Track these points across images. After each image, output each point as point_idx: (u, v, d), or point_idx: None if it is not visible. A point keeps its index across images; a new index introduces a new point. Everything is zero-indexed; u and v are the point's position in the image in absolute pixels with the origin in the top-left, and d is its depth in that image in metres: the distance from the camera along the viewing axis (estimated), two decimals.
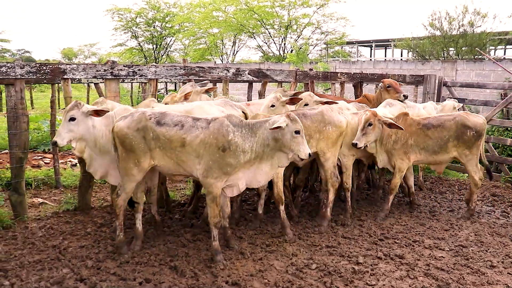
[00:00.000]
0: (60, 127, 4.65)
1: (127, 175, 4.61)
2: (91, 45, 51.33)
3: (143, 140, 4.47)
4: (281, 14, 28.41)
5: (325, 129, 5.52)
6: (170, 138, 4.43)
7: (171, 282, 4.13)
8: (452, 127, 6.08)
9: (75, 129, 4.67)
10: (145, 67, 6.38)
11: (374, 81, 9.13)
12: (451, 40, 20.21)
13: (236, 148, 4.36)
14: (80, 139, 4.78)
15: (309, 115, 5.54)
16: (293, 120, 4.39)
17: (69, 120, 4.64)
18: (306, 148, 4.41)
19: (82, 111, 4.68)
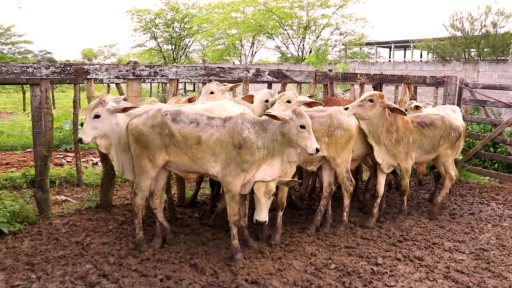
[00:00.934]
0: (85, 124, 4.68)
1: (142, 172, 4.66)
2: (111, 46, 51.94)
3: (158, 136, 4.52)
4: (300, 15, 28.38)
5: (334, 133, 5.36)
6: (186, 135, 4.49)
7: (191, 279, 4.19)
8: (441, 126, 6.20)
9: (100, 126, 4.72)
10: (166, 68, 6.47)
11: (393, 82, 9.08)
12: (473, 41, 19.94)
13: (252, 145, 4.43)
14: (104, 137, 4.82)
15: (317, 117, 5.37)
16: (299, 115, 4.42)
17: (93, 117, 4.68)
18: (314, 143, 4.41)
19: (107, 109, 4.72)
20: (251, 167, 4.50)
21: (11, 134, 11.51)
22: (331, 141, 5.35)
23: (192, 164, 4.63)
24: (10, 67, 5.34)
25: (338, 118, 5.42)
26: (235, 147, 4.42)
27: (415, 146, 6.03)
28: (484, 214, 6.57)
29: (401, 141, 5.86)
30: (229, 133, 4.44)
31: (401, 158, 5.92)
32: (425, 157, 6.27)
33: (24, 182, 7.08)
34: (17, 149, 10.24)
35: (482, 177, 8.97)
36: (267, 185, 4.56)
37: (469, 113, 11.07)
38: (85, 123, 4.70)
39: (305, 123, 4.42)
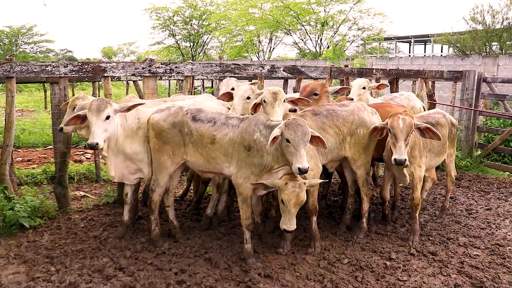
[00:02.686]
0: (95, 127, 4.34)
1: (160, 167, 4.74)
2: (130, 44, 52.49)
3: (179, 133, 4.59)
4: (317, 10, 28.27)
5: (356, 132, 5.04)
6: (202, 134, 4.53)
7: (205, 273, 4.26)
8: (445, 124, 5.70)
9: (109, 128, 4.48)
10: (182, 65, 6.55)
11: (410, 77, 9.02)
12: (494, 34, 19.64)
13: (261, 148, 4.30)
14: (108, 139, 4.55)
15: (341, 113, 5.05)
16: (287, 126, 4.05)
17: (105, 119, 4.40)
18: (299, 161, 3.94)
19: (114, 109, 4.52)
20: (261, 171, 4.38)
21: (32, 131, 11.77)
22: (354, 140, 5.04)
23: (207, 164, 4.64)
24: (30, 66, 5.48)
25: (360, 116, 5.08)
26: (245, 149, 4.36)
27: (425, 150, 5.37)
28: (502, 210, 6.49)
29: (415, 147, 5.11)
30: (241, 134, 4.41)
31: (415, 165, 5.18)
32: (436, 161, 5.70)
33: (44, 178, 7.26)
34: (38, 146, 10.48)
35: (501, 173, 8.84)
36: (297, 196, 4.13)
37: (488, 108, 10.91)
38: (95, 125, 4.35)
39: (289, 137, 4.01)
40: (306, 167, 3.93)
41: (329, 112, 5.01)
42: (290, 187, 4.14)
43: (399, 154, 4.56)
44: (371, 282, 4.23)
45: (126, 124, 4.76)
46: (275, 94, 4.77)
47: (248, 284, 4.10)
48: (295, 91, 7.69)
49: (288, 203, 4.14)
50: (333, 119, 4.98)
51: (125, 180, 5.06)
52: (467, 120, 9.34)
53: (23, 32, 35.72)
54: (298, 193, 4.14)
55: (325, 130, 4.89)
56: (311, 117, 4.89)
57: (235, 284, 4.13)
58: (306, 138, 4.04)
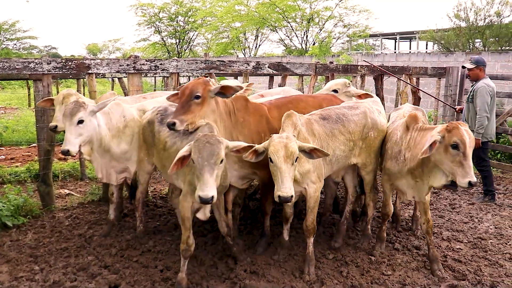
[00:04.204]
0: (67, 132, 4.19)
1: (140, 164, 4.86)
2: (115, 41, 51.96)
3: (150, 134, 4.55)
4: (303, 7, 28.30)
5: (368, 136, 4.62)
6: (159, 138, 4.40)
7: (191, 270, 4.25)
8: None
9: (85, 131, 4.32)
10: (167, 62, 6.52)
11: (395, 73, 9.07)
12: (477, 32, 19.83)
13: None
14: (88, 142, 4.48)
15: (352, 117, 4.56)
16: (195, 143, 3.47)
17: (77, 123, 4.23)
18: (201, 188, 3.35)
19: (91, 111, 4.35)
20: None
21: (16, 129, 11.62)
22: (365, 144, 4.63)
23: (163, 172, 4.49)
24: (12, 62, 5.40)
25: (372, 117, 4.67)
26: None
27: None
28: (484, 204, 6.59)
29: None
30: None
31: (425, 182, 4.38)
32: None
33: (28, 177, 7.17)
34: (22, 144, 10.35)
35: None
36: (286, 147, 3.55)
37: None
38: (67, 131, 4.20)
39: (194, 157, 3.43)
40: (209, 196, 3.27)
41: (339, 116, 4.48)
42: (276, 138, 3.63)
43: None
44: (356, 277, 4.27)
45: (111, 124, 4.69)
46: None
47: (234, 281, 4.12)
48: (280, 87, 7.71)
49: (276, 158, 3.54)
50: (344, 125, 4.47)
51: (111, 181, 5.00)
52: (450, 116, 9.44)
53: (5, 28, 35.17)
54: (286, 144, 3.57)
55: (335, 136, 4.37)
56: (319, 122, 4.34)
57: (221, 280, 4.14)
58: (213, 160, 3.36)
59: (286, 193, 3.50)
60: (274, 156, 3.55)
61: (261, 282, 4.11)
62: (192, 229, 3.95)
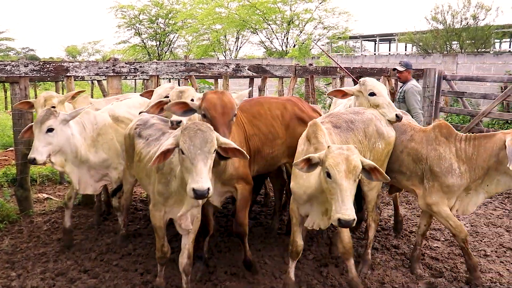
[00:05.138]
0: (36, 140, 4.02)
1: (123, 174, 4.79)
2: (95, 43, 51.46)
3: (131, 147, 4.29)
4: (283, 9, 28.42)
5: (375, 147, 4.24)
6: (135, 150, 4.11)
7: (170, 273, 4.25)
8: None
9: (55, 140, 4.12)
10: (146, 64, 6.50)
11: (374, 75, 9.18)
12: (454, 34, 20.21)
13: (168, 170, 3.64)
14: (59, 152, 4.26)
15: (359, 124, 4.19)
16: (184, 131, 3.10)
17: (46, 131, 4.05)
18: (195, 180, 2.93)
19: (60, 119, 4.16)
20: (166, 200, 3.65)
21: None
22: (373, 157, 4.21)
23: (142, 185, 4.26)
24: None
25: (378, 126, 4.31)
26: (157, 171, 3.71)
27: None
28: None
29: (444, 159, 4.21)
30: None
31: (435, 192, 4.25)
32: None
33: (5, 181, 7.06)
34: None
35: None
36: (348, 160, 3.02)
37: (449, 105, 11.25)
38: (36, 139, 4.03)
39: (184, 146, 3.05)
40: (205, 188, 2.89)
41: (348, 124, 4.14)
42: (335, 149, 3.10)
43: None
44: (336, 276, 4.31)
45: (85, 133, 4.51)
46: (181, 93, 4.11)
47: (214, 282, 4.13)
48: (261, 90, 7.76)
49: (336, 172, 2.99)
50: (355, 133, 4.14)
51: (90, 191, 4.81)
52: (428, 116, 9.59)
53: None
54: (348, 156, 3.04)
55: None
56: (334, 131, 4.00)
57: (201, 283, 4.14)
58: (207, 148, 3.02)
59: (348, 216, 2.88)
60: (334, 170, 2.99)
61: (241, 284, 4.13)
62: (166, 237, 3.82)
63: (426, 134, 4.29)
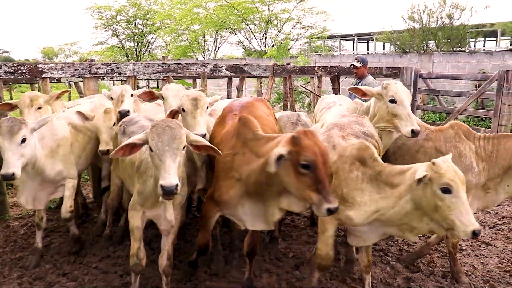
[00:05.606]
0: (9, 153, 3.58)
1: (111, 177, 4.83)
2: (72, 44, 50.76)
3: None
4: (261, 9, 28.50)
5: None
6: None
7: (151, 273, 4.24)
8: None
9: (27, 151, 3.76)
10: (123, 65, 6.46)
11: (351, 74, 9.28)
12: (430, 33, 20.55)
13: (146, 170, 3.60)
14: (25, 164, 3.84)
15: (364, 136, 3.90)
16: (152, 128, 3.07)
17: (21, 142, 3.67)
18: (163, 177, 2.92)
19: (31, 128, 3.83)
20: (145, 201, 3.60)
21: None
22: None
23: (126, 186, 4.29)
24: None
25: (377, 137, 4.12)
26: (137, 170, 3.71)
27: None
28: None
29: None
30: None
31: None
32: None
33: None
34: None
35: None
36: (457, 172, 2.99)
37: (426, 102, 11.43)
38: (8, 151, 3.59)
39: (152, 143, 3.03)
40: (173, 185, 2.85)
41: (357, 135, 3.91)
42: (441, 162, 2.99)
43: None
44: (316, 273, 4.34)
45: (43, 142, 4.17)
46: (196, 100, 3.95)
47: (195, 283, 4.14)
48: (239, 89, 7.77)
49: (454, 186, 2.89)
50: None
51: (38, 205, 4.37)
52: None
53: None
54: (454, 167, 3.00)
55: None
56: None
57: (182, 283, 4.14)
58: (175, 144, 2.99)
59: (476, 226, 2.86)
60: (452, 183, 2.90)
61: (222, 283, 4.14)
62: (143, 241, 3.69)
63: (444, 133, 4.32)
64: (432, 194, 2.94)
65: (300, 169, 2.80)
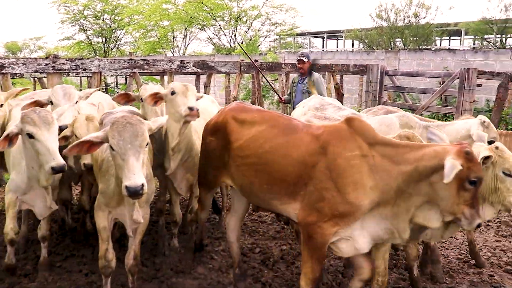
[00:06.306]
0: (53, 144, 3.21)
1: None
2: (37, 39, 49.42)
3: None
4: (231, 6, 28.40)
5: None
6: None
7: (116, 272, 4.18)
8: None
9: None
10: (88, 61, 6.36)
11: (318, 71, 9.38)
12: (397, 31, 20.95)
13: (107, 168, 3.47)
14: None
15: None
16: (112, 126, 2.91)
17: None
18: (127, 177, 2.80)
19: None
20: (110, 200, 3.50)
21: None
22: None
23: None
24: None
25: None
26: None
27: None
28: None
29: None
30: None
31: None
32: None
33: None
34: None
35: None
36: None
37: (392, 99, 11.65)
38: (53, 142, 3.27)
39: (113, 141, 2.89)
40: (138, 185, 2.73)
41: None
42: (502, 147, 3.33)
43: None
44: (282, 268, 4.40)
45: None
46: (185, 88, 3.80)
47: (161, 279, 4.12)
48: (206, 86, 7.75)
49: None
50: None
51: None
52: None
53: None
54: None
55: None
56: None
57: (147, 281, 4.12)
58: (137, 142, 2.84)
59: None
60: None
61: (188, 280, 4.13)
62: (111, 241, 3.58)
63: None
64: (501, 176, 3.23)
65: (466, 185, 2.72)
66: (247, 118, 3.50)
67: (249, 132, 3.39)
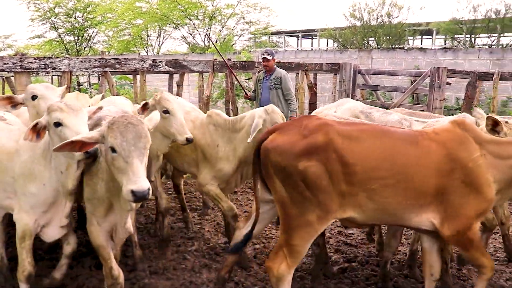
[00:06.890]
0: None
1: None
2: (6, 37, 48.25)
3: None
4: (205, 4, 28.28)
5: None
6: None
7: (88, 274, 4.13)
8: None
9: None
10: (58, 59, 6.24)
11: (292, 70, 9.41)
12: (371, 30, 21.22)
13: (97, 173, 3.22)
14: None
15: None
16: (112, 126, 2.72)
17: None
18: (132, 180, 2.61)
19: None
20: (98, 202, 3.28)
21: None
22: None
23: None
24: None
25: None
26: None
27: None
28: None
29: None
30: None
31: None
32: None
33: None
34: None
35: None
36: None
37: (365, 97, 11.77)
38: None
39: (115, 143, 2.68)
40: (145, 189, 2.56)
41: None
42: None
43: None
44: (254, 267, 4.40)
45: None
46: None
47: (133, 281, 4.07)
48: (179, 85, 7.69)
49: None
50: None
51: None
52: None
53: None
54: None
55: None
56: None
57: None
58: (141, 143, 2.69)
59: None
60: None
61: (161, 281, 4.10)
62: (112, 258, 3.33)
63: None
64: None
65: None
66: (351, 132, 3.12)
67: (367, 149, 3.05)
